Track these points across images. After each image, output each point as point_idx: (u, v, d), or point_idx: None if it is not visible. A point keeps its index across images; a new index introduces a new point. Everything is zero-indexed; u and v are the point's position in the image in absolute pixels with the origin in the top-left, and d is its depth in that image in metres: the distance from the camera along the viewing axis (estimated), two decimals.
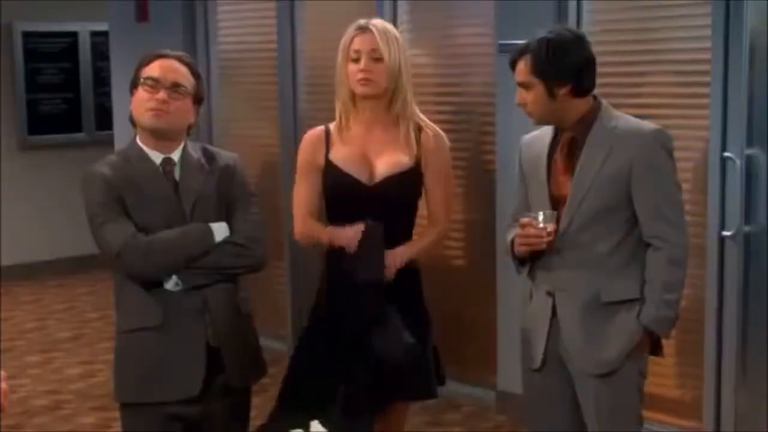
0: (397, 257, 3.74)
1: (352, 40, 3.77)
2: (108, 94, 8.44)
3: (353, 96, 3.80)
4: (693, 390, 5.00)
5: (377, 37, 3.75)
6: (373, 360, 3.67)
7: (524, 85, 3.44)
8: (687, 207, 4.82)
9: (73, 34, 9.75)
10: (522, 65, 3.43)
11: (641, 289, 3.42)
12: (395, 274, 3.73)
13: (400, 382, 3.74)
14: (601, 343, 3.43)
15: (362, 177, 3.76)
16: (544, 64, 3.39)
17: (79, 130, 9.82)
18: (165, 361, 3.42)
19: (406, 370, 3.73)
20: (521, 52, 3.44)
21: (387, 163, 3.77)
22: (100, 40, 9.45)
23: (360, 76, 3.74)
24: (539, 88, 3.41)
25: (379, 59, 3.74)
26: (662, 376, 5.02)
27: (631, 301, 3.43)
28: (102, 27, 8.64)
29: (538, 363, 3.55)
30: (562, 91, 3.40)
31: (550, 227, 3.41)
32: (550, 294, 3.51)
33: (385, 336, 3.69)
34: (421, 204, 3.93)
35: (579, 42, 3.46)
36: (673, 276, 3.42)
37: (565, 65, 3.40)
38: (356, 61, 3.75)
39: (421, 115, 3.89)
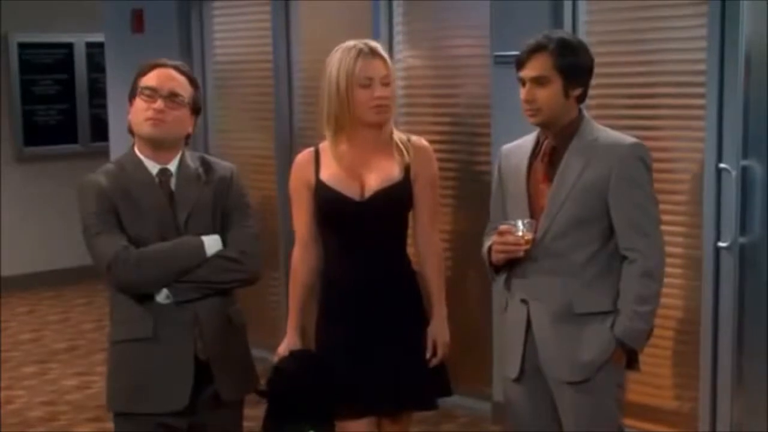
0: (440, 335, 3.78)
1: (360, 65, 3.62)
2: (104, 106, 8.44)
3: (355, 121, 3.67)
4: (689, 401, 4.99)
5: (388, 62, 3.68)
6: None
7: (540, 81, 3.41)
8: (682, 218, 4.86)
9: (69, 46, 9.76)
10: (541, 60, 3.40)
11: (614, 301, 3.43)
12: (394, 279, 3.75)
13: (401, 393, 3.74)
14: (574, 350, 3.44)
15: (353, 193, 3.70)
16: (568, 61, 3.40)
17: (74, 141, 9.82)
18: (154, 373, 3.42)
19: (407, 380, 3.73)
20: (537, 47, 3.42)
21: (377, 177, 3.71)
22: (95, 52, 9.45)
23: (377, 103, 3.63)
24: (557, 84, 3.41)
25: (388, 84, 3.67)
26: (658, 386, 5.02)
27: (604, 313, 3.43)
28: (97, 38, 8.64)
29: (516, 373, 3.56)
30: (575, 93, 3.43)
31: (529, 235, 3.43)
32: (524, 302, 3.52)
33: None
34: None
35: (587, 49, 3.53)
36: (648, 289, 3.41)
37: (584, 66, 3.46)
38: (367, 87, 3.62)
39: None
